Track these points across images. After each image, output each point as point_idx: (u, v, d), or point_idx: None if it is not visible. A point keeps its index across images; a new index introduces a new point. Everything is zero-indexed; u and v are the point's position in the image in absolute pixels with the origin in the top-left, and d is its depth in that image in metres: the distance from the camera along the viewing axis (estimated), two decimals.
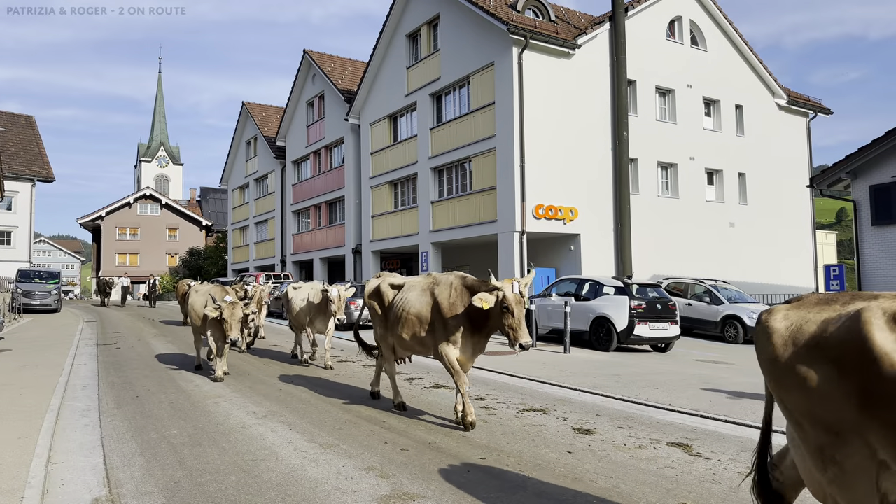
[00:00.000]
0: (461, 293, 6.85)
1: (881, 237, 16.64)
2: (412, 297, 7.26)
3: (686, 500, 4.74)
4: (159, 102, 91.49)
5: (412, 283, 7.54)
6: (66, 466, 5.60)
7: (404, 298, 7.36)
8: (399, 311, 7.32)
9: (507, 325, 6.40)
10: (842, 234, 74.53)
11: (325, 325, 11.90)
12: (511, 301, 6.38)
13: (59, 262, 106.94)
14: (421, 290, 7.25)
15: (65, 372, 10.88)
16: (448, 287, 6.99)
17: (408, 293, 7.36)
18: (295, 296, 12.58)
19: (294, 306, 12.45)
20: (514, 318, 6.36)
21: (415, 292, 7.29)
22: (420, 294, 7.22)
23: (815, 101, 29.47)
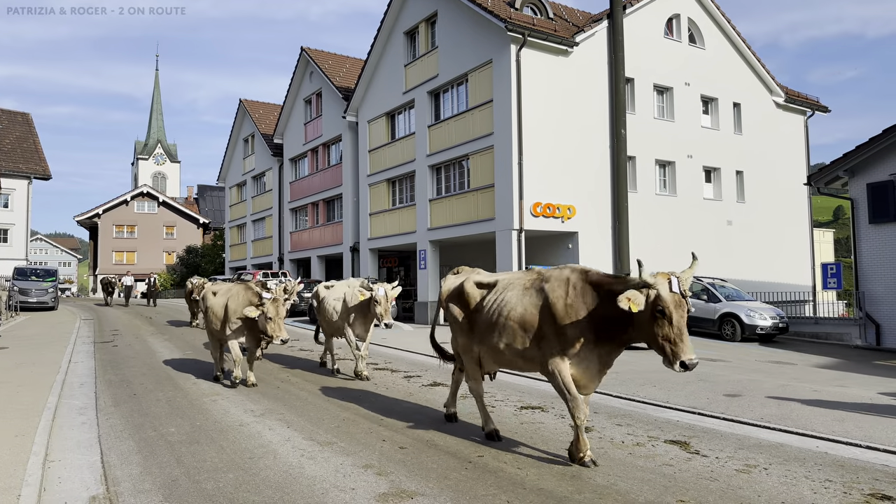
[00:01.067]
0: (582, 292, 5.40)
1: (878, 235, 16.66)
2: (512, 297, 5.87)
3: (684, 497, 4.75)
4: (156, 100, 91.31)
5: (508, 280, 6.17)
6: (64, 464, 5.60)
7: (501, 300, 5.96)
8: (493, 316, 5.94)
9: (660, 335, 4.84)
10: (839, 231, 74.68)
11: (365, 330, 10.44)
12: (668, 303, 4.81)
13: (56, 259, 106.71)
14: (523, 288, 5.86)
15: (62, 370, 10.87)
16: (563, 284, 5.53)
17: (505, 293, 5.97)
18: (328, 296, 11.08)
19: (327, 308, 10.92)
20: (671, 326, 4.79)
21: (514, 291, 5.90)
22: (522, 293, 5.81)
23: (813, 98, 29.49)
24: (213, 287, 10.49)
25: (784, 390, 8.98)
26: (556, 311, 5.39)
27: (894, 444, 6.05)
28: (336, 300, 10.74)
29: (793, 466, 5.50)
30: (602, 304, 5.20)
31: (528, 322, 5.64)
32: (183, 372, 10.96)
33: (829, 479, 5.18)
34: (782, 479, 5.14)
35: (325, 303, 11.01)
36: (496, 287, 6.19)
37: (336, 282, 11.53)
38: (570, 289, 5.43)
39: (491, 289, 6.25)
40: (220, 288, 10.27)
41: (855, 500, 4.68)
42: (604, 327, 5.22)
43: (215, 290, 10.23)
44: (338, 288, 11.00)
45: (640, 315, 4.90)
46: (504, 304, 5.89)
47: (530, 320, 5.63)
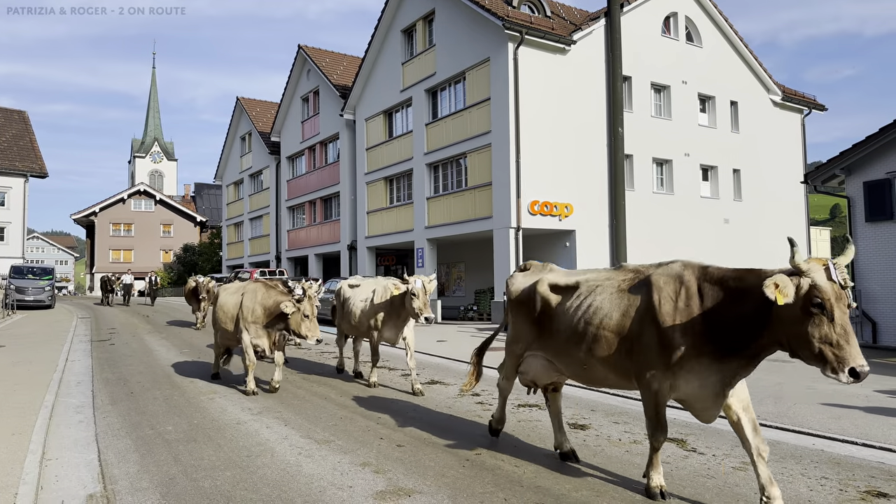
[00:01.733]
0: (699, 291, 4.34)
1: (875, 233, 16.70)
2: (604, 303, 4.83)
3: (681, 494, 4.76)
4: (153, 98, 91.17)
5: (594, 281, 5.11)
6: (61, 463, 5.59)
7: (590, 306, 4.92)
8: (577, 324, 4.96)
9: (817, 337, 3.74)
10: (836, 230, 74.85)
11: (397, 332, 9.15)
12: (828, 294, 3.73)
13: (52, 258, 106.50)
14: (617, 290, 4.82)
15: (59, 368, 10.85)
16: (673, 282, 4.49)
17: (593, 298, 4.94)
18: (353, 296, 9.95)
19: (353, 308, 9.76)
20: (832, 324, 3.71)
21: (606, 295, 4.86)
22: (618, 297, 4.77)
23: (810, 97, 29.54)
24: (225, 286, 10.02)
25: (780, 388, 9.00)
26: (661, 315, 4.39)
27: (890, 442, 6.07)
28: (363, 301, 9.59)
29: (789, 464, 5.51)
30: (726, 304, 4.17)
31: (624, 330, 4.65)
32: (180, 370, 10.96)
33: (825, 476, 5.19)
34: (778, 476, 5.15)
35: (351, 303, 9.91)
36: (579, 290, 5.14)
37: (361, 279, 10.55)
38: (682, 288, 4.41)
39: (571, 292, 5.21)
40: (230, 286, 9.81)
41: (851, 498, 4.69)
42: (729, 335, 4.14)
43: (226, 288, 9.83)
44: (365, 287, 9.91)
45: (786, 311, 3.83)
46: (594, 311, 4.86)
47: (626, 328, 4.64)
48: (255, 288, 8.91)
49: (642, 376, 4.53)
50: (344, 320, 10.28)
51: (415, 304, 8.40)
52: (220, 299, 9.49)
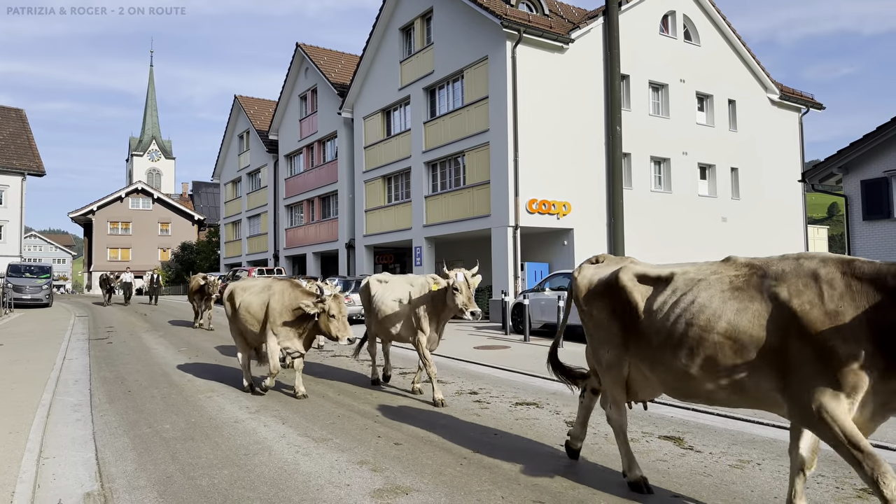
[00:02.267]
0: (849, 291, 3.56)
1: (872, 232, 16.73)
2: (709, 299, 4.03)
3: (678, 492, 4.77)
4: (151, 96, 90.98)
5: (693, 273, 4.29)
6: (58, 461, 5.59)
7: (690, 303, 4.10)
8: (676, 326, 4.10)
9: None
10: (833, 228, 74.98)
11: (438, 333, 8.46)
12: None
13: (50, 256, 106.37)
14: (729, 286, 4.02)
15: (56, 366, 10.84)
16: (811, 282, 3.69)
17: (695, 293, 4.12)
18: (383, 295, 8.90)
19: (383, 308, 8.78)
20: None
21: (712, 291, 4.06)
22: (729, 295, 3.98)
23: (808, 96, 29.58)
24: (242, 283, 9.17)
25: None
26: (809, 323, 3.56)
27: (885, 440, 6.09)
28: (395, 301, 8.67)
29: (786, 462, 5.52)
30: (888, 306, 3.41)
31: (745, 337, 3.80)
32: (178, 369, 10.95)
33: (821, 474, 5.20)
34: (775, 474, 5.16)
35: (380, 302, 8.89)
36: (673, 283, 4.33)
37: (389, 275, 9.62)
38: (826, 288, 3.61)
39: (664, 285, 4.39)
40: (252, 284, 8.96)
41: (847, 495, 4.70)
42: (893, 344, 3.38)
43: (247, 287, 8.95)
44: (396, 285, 8.93)
45: None
46: (697, 308, 4.04)
47: (751, 334, 3.78)
48: (282, 289, 8.33)
49: (806, 402, 3.57)
50: (372, 320, 9.25)
51: (458, 300, 7.76)
52: (244, 299, 8.66)
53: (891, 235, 16.35)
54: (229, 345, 14.51)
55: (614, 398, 4.88)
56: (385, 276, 9.66)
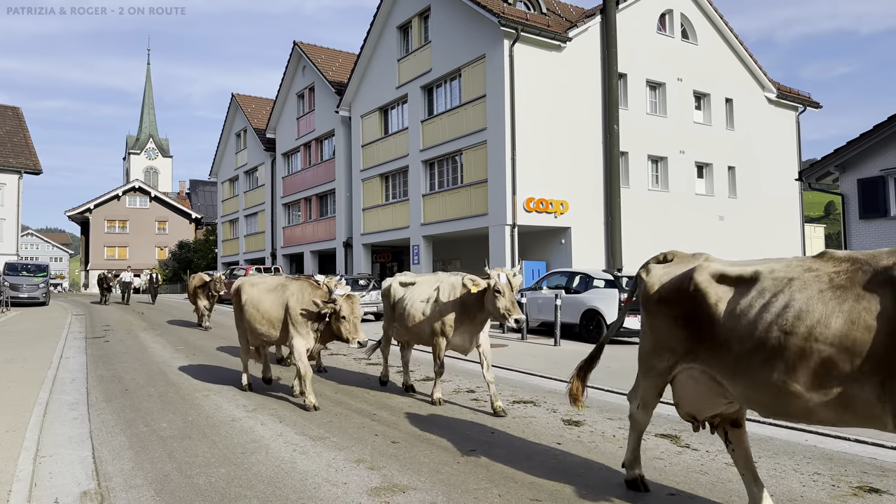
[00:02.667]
0: None
1: (869, 230, 16.77)
2: (809, 302, 3.38)
3: (674, 490, 4.78)
4: (148, 94, 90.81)
5: (783, 270, 3.64)
6: (55, 460, 5.58)
7: (786, 305, 3.45)
8: (767, 332, 3.47)
9: None
10: (830, 227, 75.13)
11: (471, 339, 7.66)
12: None
13: (47, 254, 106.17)
14: (829, 286, 3.39)
15: (53, 365, 10.82)
16: None
17: (790, 294, 3.48)
18: (410, 296, 8.17)
19: (411, 310, 8.01)
20: None
21: (811, 292, 3.41)
22: (833, 295, 3.33)
23: (805, 94, 29.63)
24: (251, 279, 8.78)
25: None
26: None
27: (882, 438, 6.10)
28: (423, 302, 7.91)
29: (782, 460, 5.54)
30: None
31: (858, 345, 3.16)
32: (175, 367, 10.94)
33: (817, 472, 5.22)
34: (771, 472, 5.18)
35: (408, 303, 8.14)
36: (760, 284, 3.68)
37: (415, 275, 8.85)
38: None
39: (748, 286, 3.75)
40: (262, 281, 8.57)
41: (843, 493, 4.72)
42: None
43: (255, 283, 8.58)
44: (424, 284, 8.17)
45: None
46: (794, 314, 3.38)
47: (864, 341, 3.14)
48: (300, 288, 7.86)
49: None
50: (397, 324, 8.48)
51: (500, 304, 6.88)
52: (251, 295, 8.31)
53: (887, 234, 16.39)
54: (227, 344, 14.50)
55: (646, 402, 4.71)
56: (408, 276, 8.82)
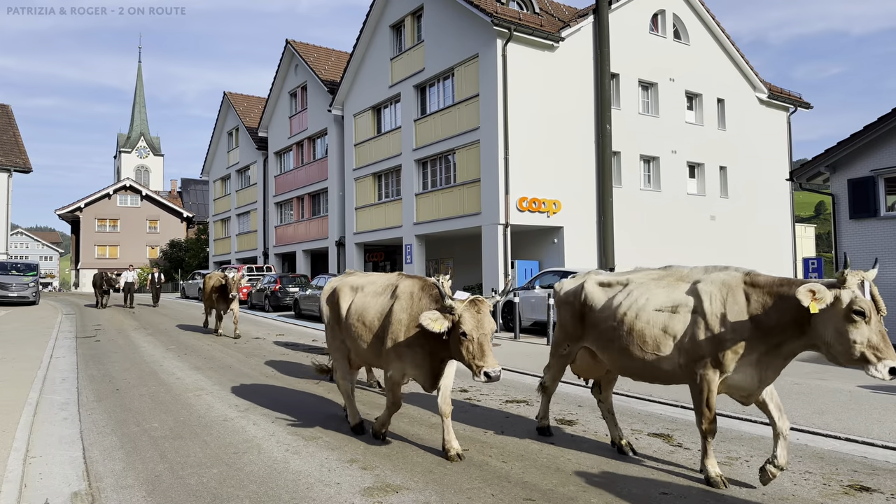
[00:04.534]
0: None
1: (859, 230, 16.88)
2: None
3: (666, 489, 4.79)
4: (139, 92, 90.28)
5: None
6: (45, 460, 5.54)
7: None
8: None
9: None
10: (820, 227, 75.60)
11: None
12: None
13: (37, 253, 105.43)
14: None
15: (43, 365, 10.74)
16: None
17: None
18: None
19: None
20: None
21: None
22: None
23: (796, 95, 29.77)
24: (352, 280, 6.75)
25: None
26: None
27: (873, 437, 6.15)
28: None
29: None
30: None
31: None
32: (166, 367, 10.89)
33: (808, 470, 5.25)
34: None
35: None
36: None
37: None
38: None
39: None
40: (368, 281, 6.53)
41: (834, 492, 4.75)
42: None
43: (359, 284, 6.54)
44: None
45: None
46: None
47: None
48: (409, 290, 5.82)
49: None
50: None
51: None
52: (358, 303, 6.29)
53: (877, 234, 16.50)
54: (224, 346, 14.43)
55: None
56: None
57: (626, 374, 5.42)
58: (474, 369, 4.96)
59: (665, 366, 4.98)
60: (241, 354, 12.53)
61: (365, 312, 6.14)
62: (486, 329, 5.08)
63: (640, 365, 5.14)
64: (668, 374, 5.03)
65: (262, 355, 12.44)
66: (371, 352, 6.08)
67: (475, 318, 5.08)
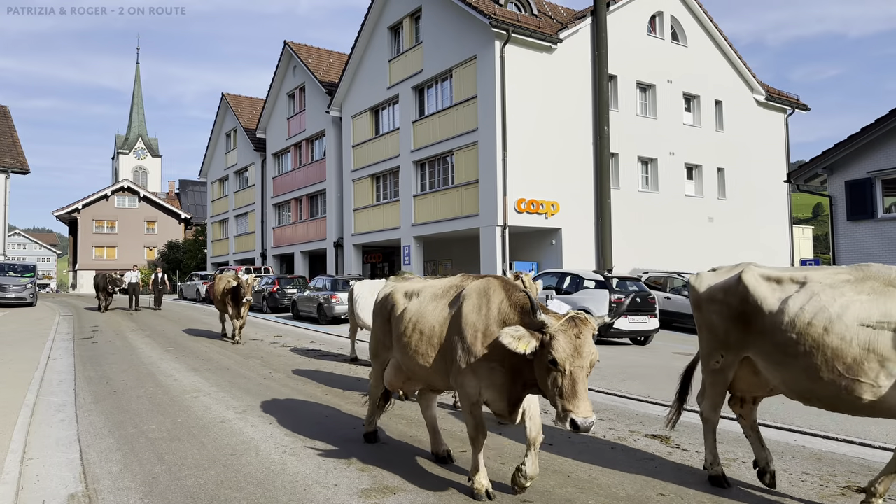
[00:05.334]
0: None
1: (856, 232, 16.91)
2: None
3: (664, 491, 4.80)
4: (137, 93, 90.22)
5: None
6: (42, 462, 5.53)
7: None
8: None
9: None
10: (818, 228, 75.69)
11: None
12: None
13: (34, 255, 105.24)
14: None
15: (40, 366, 10.71)
16: None
17: None
18: None
19: None
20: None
21: None
22: None
23: (793, 97, 29.84)
24: (409, 285, 5.51)
25: None
26: None
27: (869, 438, 6.16)
28: None
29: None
30: None
31: None
32: (164, 369, 10.87)
33: (806, 472, 5.25)
34: None
35: None
36: None
37: None
38: None
39: None
40: (427, 285, 5.35)
41: (831, 493, 4.75)
42: None
43: (417, 290, 5.34)
44: None
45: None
46: None
47: None
48: (482, 288, 4.73)
49: None
50: None
51: None
52: (414, 309, 5.12)
53: (874, 235, 16.54)
54: (222, 347, 14.41)
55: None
56: None
57: (809, 401, 4.30)
58: (559, 411, 3.93)
59: (867, 395, 3.92)
60: (238, 356, 12.51)
61: (422, 320, 4.98)
62: (585, 361, 3.94)
63: (833, 392, 4.03)
64: (871, 406, 3.97)
65: (259, 357, 12.42)
66: (432, 370, 4.88)
67: (572, 343, 3.94)
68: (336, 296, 19.18)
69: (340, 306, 19.08)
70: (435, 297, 5.07)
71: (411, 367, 5.12)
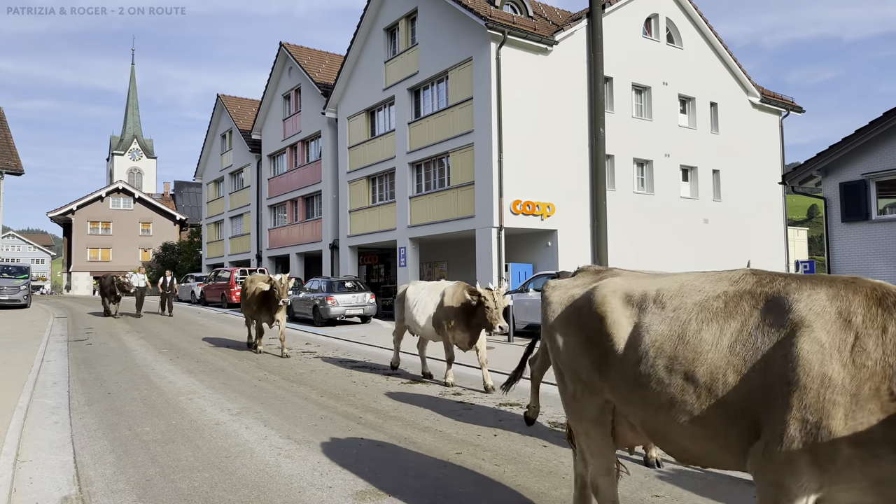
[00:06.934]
0: None
1: (851, 234, 16.97)
2: None
3: (659, 493, 4.80)
4: (132, 94, 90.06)
5: None
6: (35, 464, 5.50)
7: None
8: None
9: None
10: (813, 230, 76.01)
11: None
12: None
13: (28, 256, 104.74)
14: None
15: (34, 368, 10.67)
16: None
17: None
18: None
19: None
20: None
21: None
22: None
23: (788, 99, 29.94)
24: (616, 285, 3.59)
25: None
26: None
27: None
28: None
29: None
30: None
31: None
32: (158, 370, 10.83)
33: None
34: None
35: None
36: None
37: None
38: None
39: None
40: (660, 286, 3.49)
41: None
42: None
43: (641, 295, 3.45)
44: None
45: None
46: None
47: None
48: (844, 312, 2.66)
49: None
50: None
51: None
52: (647, 324, 3.22)
53: (868, 237, 16.60)
54: (217, 349, 14.38)
55: None
56: None
57: None
58: None
59: None
60: (233, 358, 12.48)
61: (688, 354, 2.95)
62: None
63: None
64: None
65: (254, 359, 12.40)
66: (702, 441, 2.92)
67: None
68: (332, 297, 19.16)
69: (336, 308, 19.05)
70: (709, 312, 3.01)
71: (660, 429, 3.11)
